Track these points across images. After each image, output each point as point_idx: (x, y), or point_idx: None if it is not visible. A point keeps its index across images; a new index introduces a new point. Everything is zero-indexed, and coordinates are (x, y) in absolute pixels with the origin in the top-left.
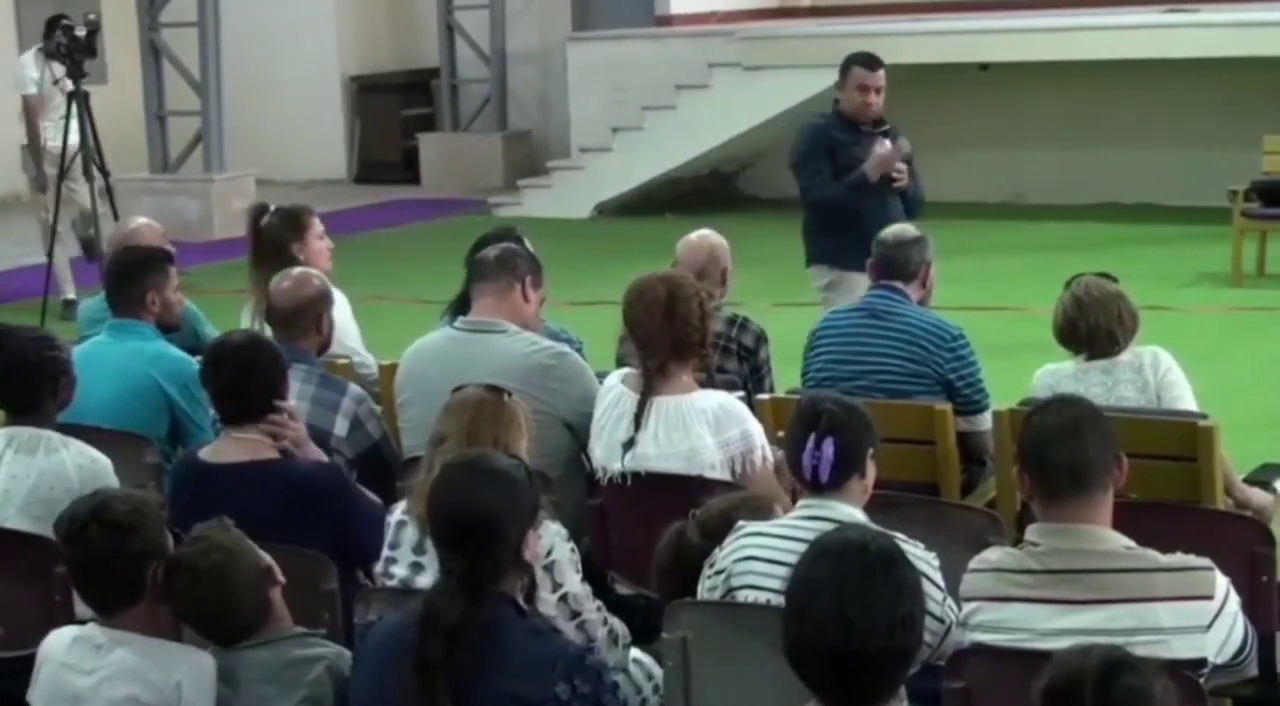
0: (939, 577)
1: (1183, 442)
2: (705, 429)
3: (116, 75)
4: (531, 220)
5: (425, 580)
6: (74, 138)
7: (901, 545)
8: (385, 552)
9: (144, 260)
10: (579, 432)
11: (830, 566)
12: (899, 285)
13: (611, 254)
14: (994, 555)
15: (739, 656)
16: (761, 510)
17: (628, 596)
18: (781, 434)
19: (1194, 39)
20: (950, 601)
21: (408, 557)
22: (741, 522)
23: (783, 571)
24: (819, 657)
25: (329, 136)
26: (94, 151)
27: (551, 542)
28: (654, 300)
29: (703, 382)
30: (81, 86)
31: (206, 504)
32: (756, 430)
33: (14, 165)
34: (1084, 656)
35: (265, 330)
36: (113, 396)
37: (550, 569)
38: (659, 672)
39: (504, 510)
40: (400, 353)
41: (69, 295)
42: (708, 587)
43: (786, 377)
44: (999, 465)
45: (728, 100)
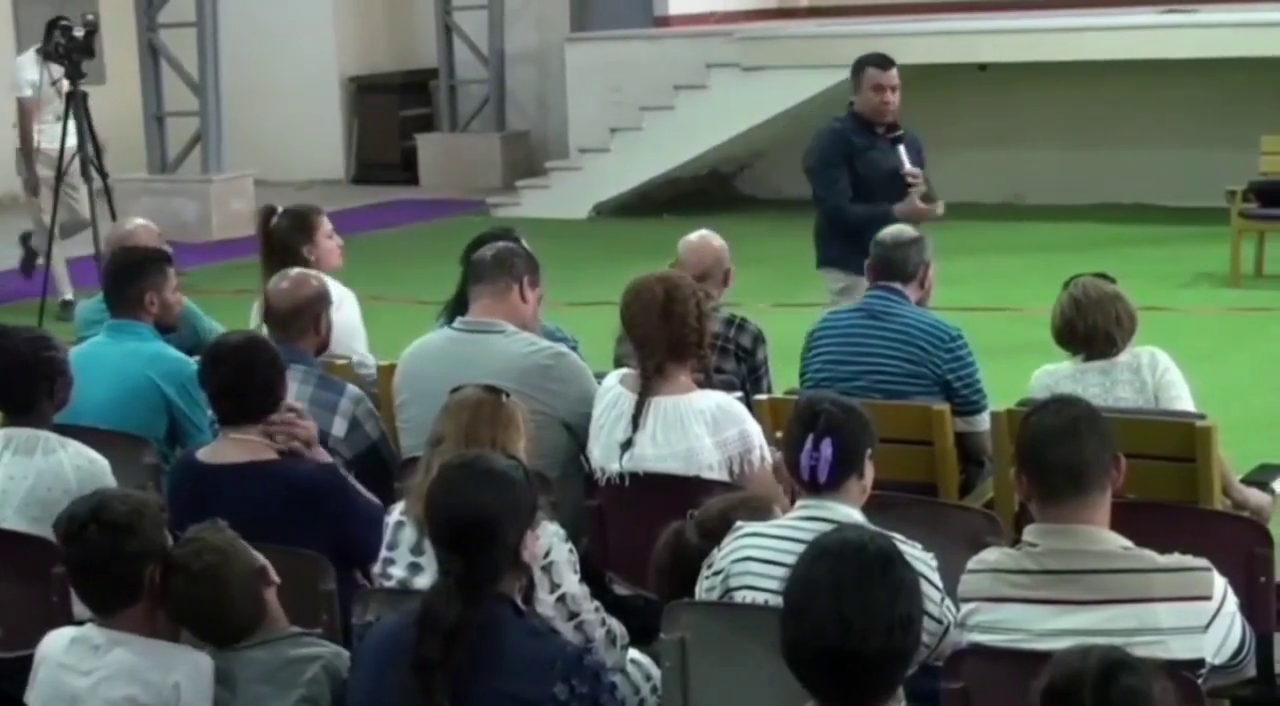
0: (937, 578)
1: (1181, 443)
2: (703, 429)
3: (115, 76)
4: (530, 220)
5: (423, 581)
6: (72, 140)
7: (899, 545)
8: (383, 553)
9: (142, 261)
10: (577, 433)
11: (828, 567)
12: (897, 286)
13: (610, 254)
14: (992, 555)
15: (737, 657)
16: (760, 510)
17: (626, 597)
18: (780, 434)
19: (1193, 39)
20: (948, 602)
21: (406, 558)
22: (740, 523)
23: (781, 572)
24: (817, 658)
25: (327, 137)
26: (93, 154)
27: (549, 543)
28: (651, 300)
29: (701, 383)
30: (80, 87)
31: (204, 504)
32: (754, 430)
33: (12, 166)
34: (1083, 657)
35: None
36: (111, 397)
37: (548, 569)
38: (657, 673)
39: (502, 511)
40: (398, 353)
41: (67, 296)
42: (706, 588)
43: (785, 378)
44: (997, 465)
45: (726, 101)
